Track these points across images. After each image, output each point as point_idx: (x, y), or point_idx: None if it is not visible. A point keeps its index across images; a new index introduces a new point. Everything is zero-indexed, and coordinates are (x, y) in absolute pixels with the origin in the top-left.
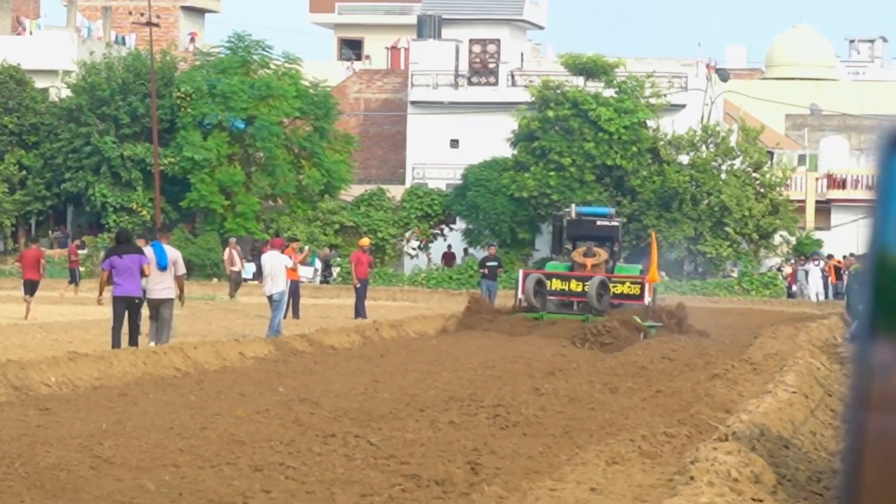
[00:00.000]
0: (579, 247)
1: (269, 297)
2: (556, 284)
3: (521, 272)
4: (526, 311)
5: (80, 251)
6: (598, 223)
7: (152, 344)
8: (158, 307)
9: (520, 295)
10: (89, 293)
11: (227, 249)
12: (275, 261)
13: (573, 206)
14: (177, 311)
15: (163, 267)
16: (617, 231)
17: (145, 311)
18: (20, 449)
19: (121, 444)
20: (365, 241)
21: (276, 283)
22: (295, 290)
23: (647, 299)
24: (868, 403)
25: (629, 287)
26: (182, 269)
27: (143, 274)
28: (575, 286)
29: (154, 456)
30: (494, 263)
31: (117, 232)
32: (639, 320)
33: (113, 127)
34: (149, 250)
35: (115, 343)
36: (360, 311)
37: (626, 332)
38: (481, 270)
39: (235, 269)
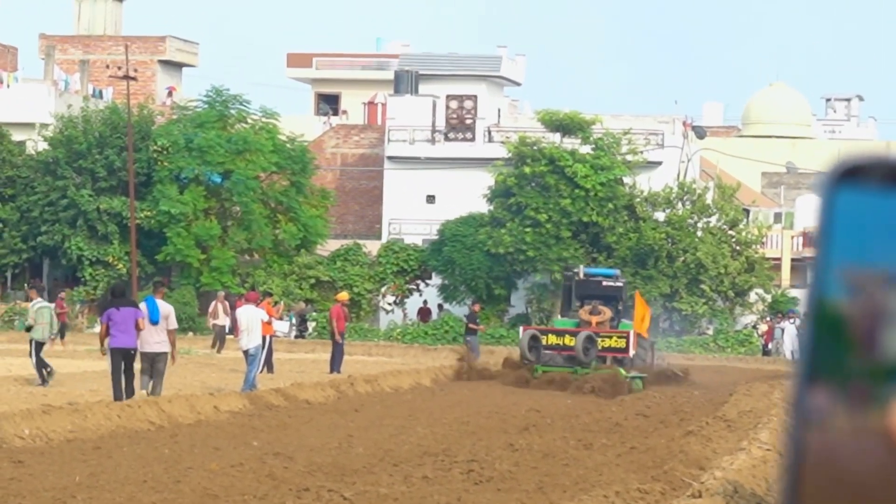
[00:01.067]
0: (586, 305)
1: (245, 352)
2: (552, 339)
3: (521, 328)
4: (525, 364)
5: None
6: (604, 283)
7: (143, 392)
8: (153, 361)
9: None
10: (75, 346)
11: (214, 303)
12: (251, 315)
13: (581, 267)
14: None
15: (154, 321)
16: (621, 291)
17: (138, 365)
18: None
19: (94, 498)
20: (344, 296)
21: (252, 338)
22: (269, 344)
23: (632, 352)
24: (805, 451)
25: (616, 341)
26: (174, 324)
27: (137, 327)
28: (568, 341)
29: None
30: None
31: (113, 286)
32: (623, 372)
33: (89, 180)
34: (142, 305)
35: (116, 392)
36: (336, 366)
37: (611, 386)
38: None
39: (220, 323)
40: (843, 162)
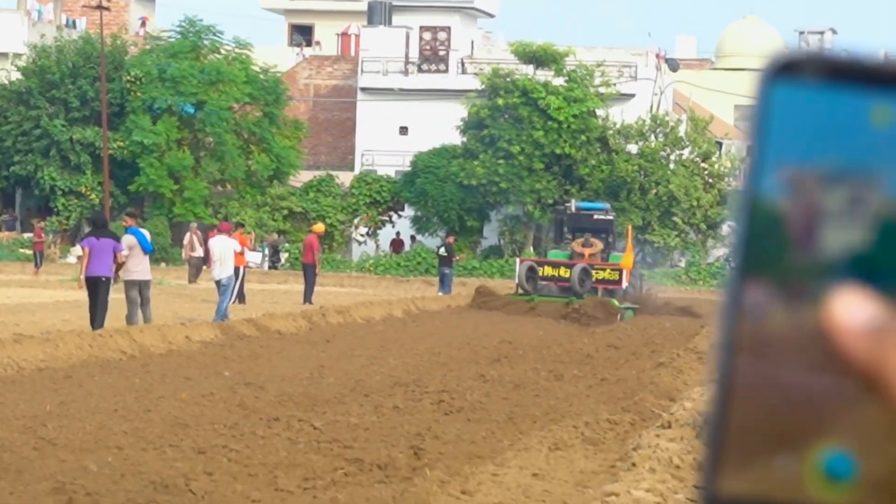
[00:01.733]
0: (578, 237)
1: (217, 282)
2: (548, 271)
3: (517, 260)
4: (521, 294)
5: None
6: (595, 216)
7: (137, 321)
8: (142, 288)
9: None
10: (48, 276)
11: (188, 234)
12: (224, 245)
13: (573, 201)
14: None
15: (149, 251)
16: (612, 224)
17: (118, 294)
18: None
19: (64, 426)
20: (320, 227)
21: (225, 268)
22: (242, 275)
23: (625, 284)
24: (737, 347)
25: (609, 273)
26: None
27: (115, 259)
28: (563, 272)
29: (97, 438)
30: (445, 253)
31: (94, 215)
32: (616, 303)
33: (62, 110)
34: (129, 238)
35: (93, 321)
36: (308, 297)
37: (604, 313)
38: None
39: (196, 254)
40: (778, 57)
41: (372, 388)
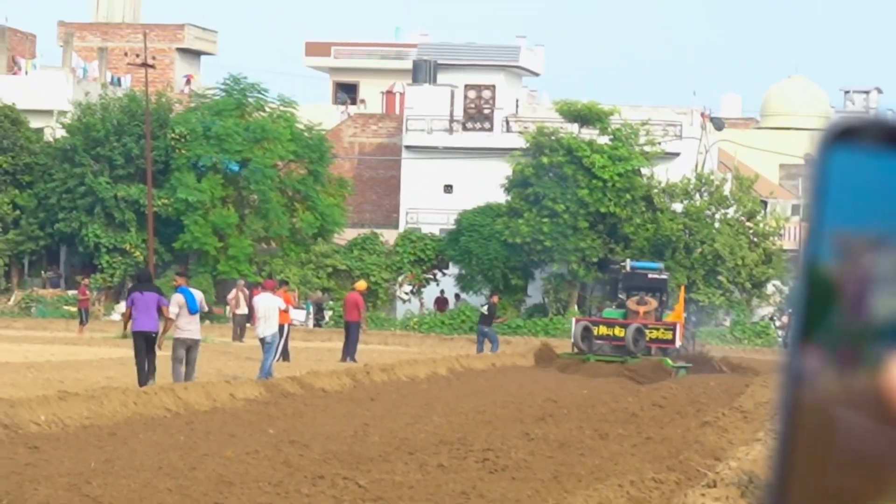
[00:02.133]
0: (633, 296)
1: (262, 340)
2: (603, 330)
3: (573, 319)
4: (576, 353)
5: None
6: (650, 276)
7: (179, 379)
8: (189, 347)
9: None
10: (92, 333)
11: (234, 291)
12: (268, 303)
13: (628, 260)
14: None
15: (194, 311)
16: (665, 283)
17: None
18: (8, 486)
19: (109, 484)
20: (362, 285)
21: (269, 326)
22: (286, 332)
23: (678, 343)
24: (797, 411)
25: (662, 333)
26: (206, 307)
27: (160, 312)
28: (618, 332)
29: (142, 496)
30: (486, 312)
31: (138, 272)
32: (669, 362)
33: (107, 168)
34: (178, 297)
35: (140, 375)
36: (350, 353)
37: (658, 373)
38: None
39: (241, 311)
40: (837, 123)
41: (417, 446)
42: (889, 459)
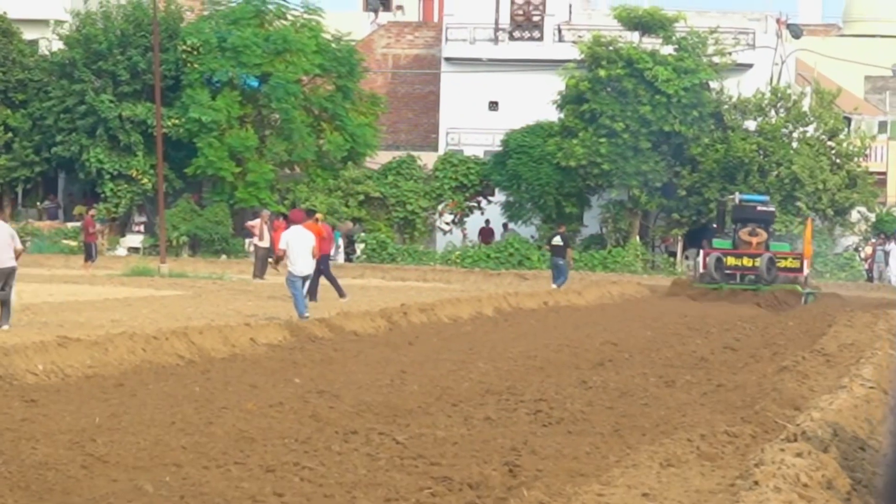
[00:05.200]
0: (742, 228)
1: (302, 278)
2: (731, 261)
3: (701, 251)
4: (709, 283)
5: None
6: (759, 208)
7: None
8: (7, 277)
9: (700, 270)
10: (95, 270)
11: (258, 221)
12: (305, 238)
13: (737, 193)
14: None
15: None
16: (773, 216)
17: None
18: (3, 445)
19: (116, 441)
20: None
21: (309, 262)
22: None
23: (806, 271)
24: None
25: (790, 262)
26: (20, 244)
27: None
28: (747, 262)
29: (153, 454)
30: (560, 242)
31: None
32: (800, 288)
33: (110, 84)
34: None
35: None
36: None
37: (792, 299)
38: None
39: (264, 244)
40: None
41: (460, 396)
42: None
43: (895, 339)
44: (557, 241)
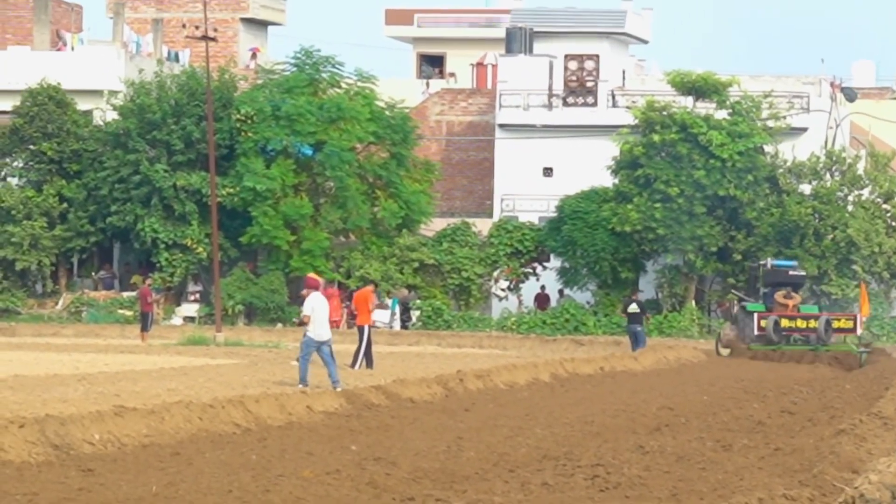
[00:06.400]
0: (776, 291)
1: (324, 343)
2: (786, 323)
3: (755, 315)
4: (766, 344)
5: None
6: (790, 272)
7: None
8: None
9: (755, 332)
10: (152, 340)
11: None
12: (326, 305)
13: (769, 259)
14: None
15: None
16: (804, 279)
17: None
18: None
19: None
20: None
21: (328, 328)
22: (367, 335)
23: (860, 331)
24: None
25: (845, 322)
26: None
27: None
28: (801, 323)
29: None
30: (637, 309)
31: None
32: (854, 348)
33: (165, 154)
34: None
35: None
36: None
37: (849, 358)
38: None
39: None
40: None
41: (517, 462)
42: None
43: None
44: (634, 308)
